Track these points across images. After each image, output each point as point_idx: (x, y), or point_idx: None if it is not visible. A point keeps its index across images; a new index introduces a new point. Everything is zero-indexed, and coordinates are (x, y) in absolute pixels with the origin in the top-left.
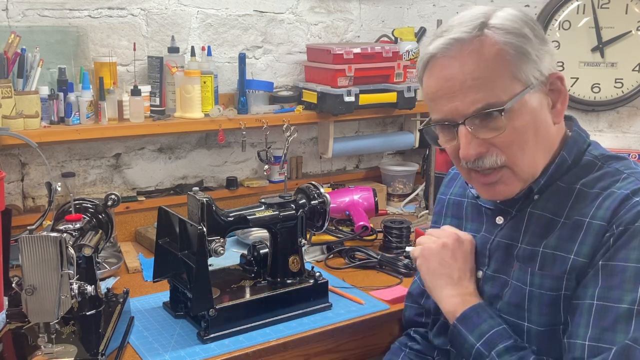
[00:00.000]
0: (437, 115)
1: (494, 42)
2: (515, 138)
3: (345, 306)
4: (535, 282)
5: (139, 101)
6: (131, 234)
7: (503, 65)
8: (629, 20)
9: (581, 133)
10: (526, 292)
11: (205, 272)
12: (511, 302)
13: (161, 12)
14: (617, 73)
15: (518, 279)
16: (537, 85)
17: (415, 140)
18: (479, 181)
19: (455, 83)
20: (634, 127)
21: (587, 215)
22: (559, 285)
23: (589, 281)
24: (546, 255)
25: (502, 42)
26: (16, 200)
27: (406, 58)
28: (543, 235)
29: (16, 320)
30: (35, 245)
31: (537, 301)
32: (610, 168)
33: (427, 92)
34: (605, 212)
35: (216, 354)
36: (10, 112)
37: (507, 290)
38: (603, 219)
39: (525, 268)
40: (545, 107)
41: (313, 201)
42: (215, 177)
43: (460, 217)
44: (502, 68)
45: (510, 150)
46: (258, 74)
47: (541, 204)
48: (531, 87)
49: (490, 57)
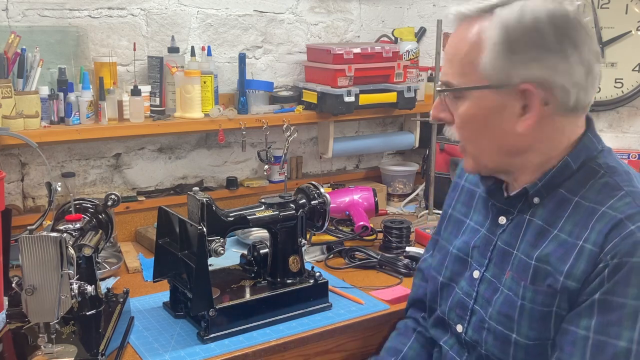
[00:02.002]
0: None
1: (483, 30)
2: (461, 124)
3: (345, 306)
4: (527, 296)
5: (139, 101)
6: (131, 234)
7: (474, 53)
8: (629, 20)
9: (593, 139)
10: (517, 305)
11: (205, 272)
12: (501, 312)
13: (161, 12)
14: (617, 73)
15: (510, 289)
16: (501, 87)
17: (415, 140)
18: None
19: (449, 51)
20: (634, 127)
21: (581, 237)
22: (551, 302)
23: (584, 311)
24: (538, 269)
25: (491, 33)
26: (16, 200)
27: (406, 58)
28: (536, 244)
29: (16, 320)
30: (35, 245)
31: (528, 315)
32: (611, 180)
33: None
34: (598, 235)
35: (216, 354)
36: (10, 112)
37: (497, 297)
38: (595, 243)
39: (518, 279)
40: (508, 111)
41: (313, 201)
42: (215, 177)
43: (470, 206)
44: (471, 55)
45: (461, 132)
46: (258, 74)
47: (540, 210)
48: (491, 87)
49: (470, 41)
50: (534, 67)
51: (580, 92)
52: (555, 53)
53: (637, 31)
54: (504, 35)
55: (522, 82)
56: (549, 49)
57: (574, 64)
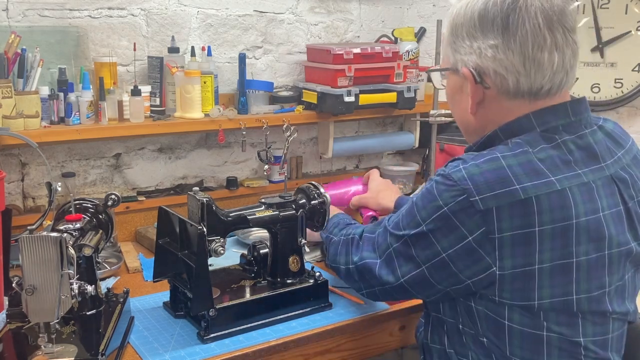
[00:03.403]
0: None
1: (452, 17)
2: (447, 99)
3: (345, 306)
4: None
5: (139, 101)
6: (131, 234)
7: (449, 38)
8: (628, 20)
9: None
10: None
11: (205, 272)
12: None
13: (161, 12)
14: (617, 73)
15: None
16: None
17: (415, 140)
18: None
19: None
20: (634, 127)
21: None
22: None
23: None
24: None
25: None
26: (16, 200)
27: (406, 58)
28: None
29: (16, 320)
30: (35, 245)
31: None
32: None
33: None
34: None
35: (216, 353)
36: (11, 112)
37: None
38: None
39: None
40: (464, 92)
41: (313, 201)
42: (215, 177)
43: None
44: (448, 40)
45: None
46: (258, 74)
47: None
48: (449, 69)
49: (449, 27)
50: (467, 53)
51: (521, 78)
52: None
53: (636, 31)
54: (450, 27)
55: (463, 67)
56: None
57: (505, 51)
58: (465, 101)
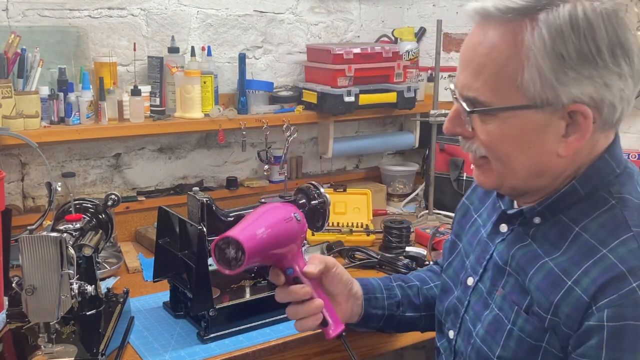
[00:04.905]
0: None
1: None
2: (491, 144)
3: None
4: (518, 323)
5: (139, 101)
6: (131, 234)
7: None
8: None
9: (611, 162)
10: (506, 329)
11: (205, 272)
12: (489, 332)
13: (161, 12)
14: None
15: (501, 309)
16: (545, 108)
17: (415, 140)
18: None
19: (473, 60)
20: (634, 127)
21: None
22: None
23: None
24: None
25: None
26: (16, 200)
27: (406, 58)
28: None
29: (16, 320)
30: (35, 245)
31: (515, 342)
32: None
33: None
34: (591, 283)
35: (216, 353)
36: (10, 112)
37: (487, 314)
38: (586, 291)
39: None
40: (551, 132)
41: (313, 201)
42: (215, 177)
43: (484, 202)
44: (509, 70)
45: (490, 152)
46: (258, 74)
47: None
48: (533, 106)
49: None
50: (587, 85)
51: (625, 107)
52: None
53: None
54: (553, 47)
55: (572, 102)
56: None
57: (628, 77)
58: (548, 143)
